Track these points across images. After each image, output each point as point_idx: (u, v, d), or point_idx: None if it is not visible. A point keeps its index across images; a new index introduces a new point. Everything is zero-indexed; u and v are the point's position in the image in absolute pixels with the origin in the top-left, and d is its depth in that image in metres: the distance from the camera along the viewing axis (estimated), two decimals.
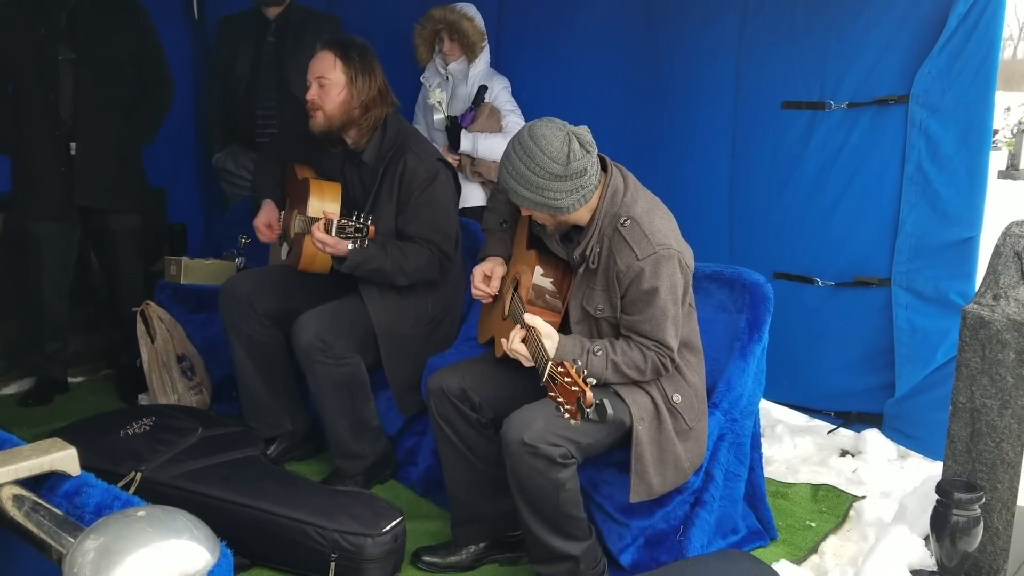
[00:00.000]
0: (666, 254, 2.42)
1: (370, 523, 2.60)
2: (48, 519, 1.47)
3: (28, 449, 1.67)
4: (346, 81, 3.14)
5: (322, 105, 3.15)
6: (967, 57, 3.22)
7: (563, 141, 2.37)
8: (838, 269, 3.63)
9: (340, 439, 3.22)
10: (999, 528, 2.50)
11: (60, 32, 3.67)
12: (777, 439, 3.69)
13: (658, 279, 2.41)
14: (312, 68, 3.17)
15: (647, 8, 3.97)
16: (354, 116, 3.17)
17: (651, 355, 2.45)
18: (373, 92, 3.18)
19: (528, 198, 2.41)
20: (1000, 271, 2.52)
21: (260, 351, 3.34)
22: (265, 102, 4.30)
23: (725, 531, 2.82)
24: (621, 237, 2.44)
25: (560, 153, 2.35)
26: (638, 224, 2.44)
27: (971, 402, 2.49)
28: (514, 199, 2.45)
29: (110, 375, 4.26)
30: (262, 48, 4.29)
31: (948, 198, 3.35)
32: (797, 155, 3.64)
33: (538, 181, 2.37)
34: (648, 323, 2.44)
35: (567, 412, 2.14)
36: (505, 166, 2.44)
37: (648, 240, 2.42)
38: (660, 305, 2.42)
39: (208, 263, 4.07)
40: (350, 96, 3.14)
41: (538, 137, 2.38)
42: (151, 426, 3.03)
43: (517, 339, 2.43)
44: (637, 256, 2.41)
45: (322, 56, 3.16)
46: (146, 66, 3.90)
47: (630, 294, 2.44)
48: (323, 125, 3.18)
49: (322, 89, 3.14)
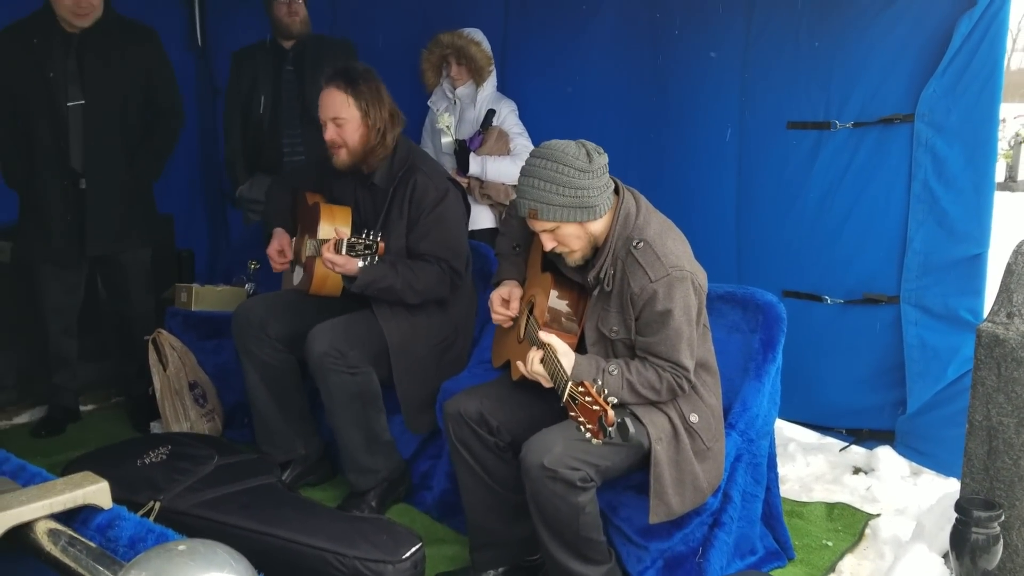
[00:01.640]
0: (679, 276, 2.44)
1: (390, 550, 2.60)
2: (85, 553, 1.48)
3: (61, 483, 1.68)
4: (360, 115, 3.16)
5: (344, 143, 3.18)
6: (972, 75, 3.25)
7: (576, 145, 2.44)
8: (847, 287, 3.65)
9: (353, 453, 3.22)
10: (1018, 545, 2.50)
11: (69, 75, 3.63)
12: (790, 457, 3.70)
13: (671, 301, 2.42)
14: (324, 108, 3.18)
15: (651, 30, 4.01)
16: (373, 144, 3.20)
17: (666, 376, 2.47)
18: (386, 116, 3.22)
19: (564, 204, 2.41)
20: (1013, 289, 2.53)
21: (273, 376, 3.35)
22: (290, 129, 4.33)
23: (743, 552, 2.83)
24: (634, 259, 2.46)
25: (580, 153, 2.41)
26: (651, 246, 2.47)
27: (988, 420, 2.50)
28: (547, 215, 2.43)
29: (121, 403, 4.26)
30: (281, 77, 4.33)
31: (955, 215, 3.37)
32: (804, 174, 3.66)
33: (570, 181, 2.39)
34: (663, 344, 2.46)
35: (589, 432, 2.15)
36: (531, 184, 2.43)
37: (661, 262, 2.44)
38: (674, 327, 2.44)
39: (219, 289, 4.08)
40: (367, 128, 3.18)
41: (553, 148, 2.44)
42: (168, 455, 3.03)
43: (536, 360, 2.45)
44: (650, 278, 2.43)
45: (331, 95, 3.17)
46: (158, 95, 3.87)
47: (644, 316, 2.46)
48: (348, 161, 3.22)
49: (340, 128, 3.17)
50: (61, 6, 3.56)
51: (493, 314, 2.80)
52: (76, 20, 3.59)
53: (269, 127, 4.34)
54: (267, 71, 4.34)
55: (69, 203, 3.70)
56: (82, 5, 3.57)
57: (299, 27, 4.32)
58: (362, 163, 3.23)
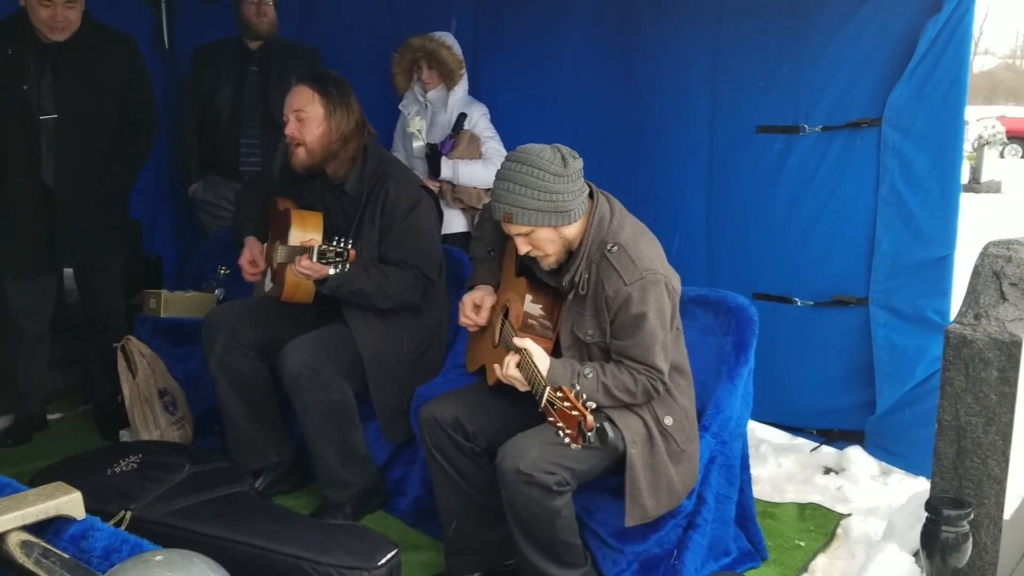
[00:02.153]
0: (653, 279, 2.45)
1: (365, 557, 2.59)
2: (60, 565, 1.46)
3: (32, 494, 1.65)
4: (324, 114, 3.15)
5: (302, 139, 3.16)
6: (937, 80, 3.31)
7: (551, 149, 2.45)
8: (816, 289, 3.69)
9: (328, 467, 3.20)
10: (987, 543, 2.54)
11: (44, 89, 3.57)
12: (762, 459, 3.73)
13: (646, 304, 2.44)
14: (289, 102, 3.18)
15: (622, 35, 4.03)
16: (334, 149, 3.19)
17: (641, 378, 2.48)
18: (351, 124, 3.20)
19: (539, 209, 2.42)
20: (980, 291, 2.57)
21: (244, 383, 3.32)
22: (250, 131, 4.29)
23: (718, 553, 2.85)
24: (609, 263, 2.47)
25: (555, 157, 2.42)
26: (625, 250, 2.48)
27: (956, 420, 2.54)
28: (522, 219, 2.43)
29: (89, 411, 4.20)
30: (246, 78, 4.29)
31: (922, 218, 3.42)
32: (773, 178, 3.70)
33: (545, 185, 2.40)
34: (637, 347, 2.47)
35: (568, 437, 2.16)
36: (506, 188, 2.43)
37: (635, 266, 2.45)
38: (649, 329, 2.45)
39: (188, 295, 4.04)
40: (329, 129, 3.16)
41: (528, 151, 2.44)
42: (138, 463, 3.00)
43: (511, 364, 2.45)
44: (625, 282, 2.44)
45: (299, 90, 3.17)
46: (132, 105, 3.81)
47: (619, 319, 2.47)
48: (305, 160, 3.20)
49: (300, 123, 3.15)
50: (37, 19, 3.51)
51: (462, 318, 2.80)
52: (52, 35, 3.54)
53: (227, 127, 4.30)
54: (231, 70, 4.30)
55: (40, 215, 3.64)
56: (58, 20, 3.51)
57: (267, 28, 4.30)
58: (320, 165, 3.22)
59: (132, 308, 4.17)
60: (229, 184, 4.35)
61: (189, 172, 4.53)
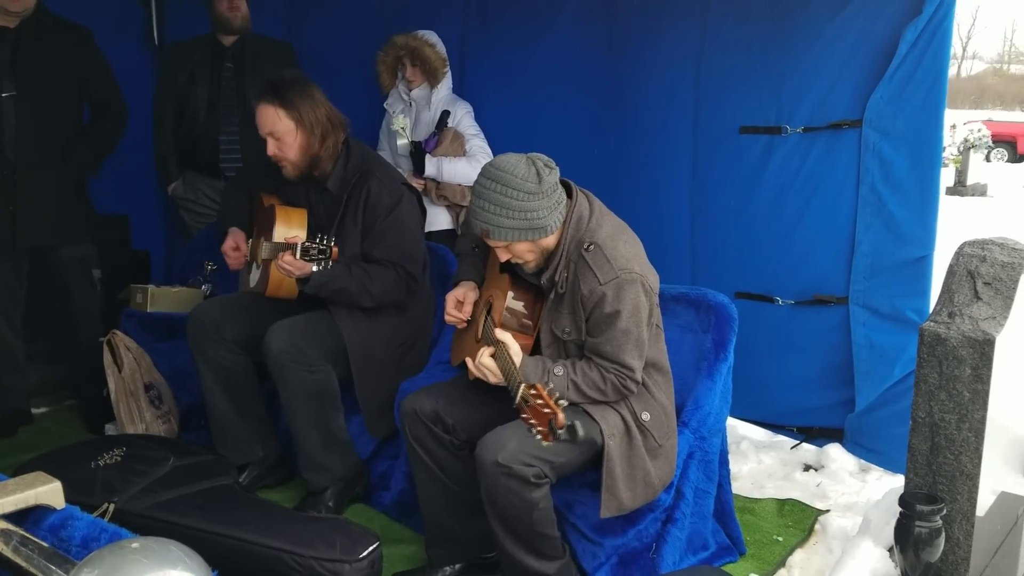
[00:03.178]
0: (628, 278, 2.48)
1: (347, 549, 2.60)
2: (38, 553, 1.48)
3: (12, 483, 1.67)
4: (294, 125, 3.15)
5: (285, 156, 3.18)
6: (917, 82, 3.34)
7: (526, 164, 2.45)
8: (797, 288, 3.72)
9: (309, 451, 3.23)
10: (959, 538, 2.58)
11: (2, 67, 3.60)
12: (742, 455, 3.76)
13: (620, 303, 2.47)
14: (260, 126, 3.18)
15: (608, 35, 4.06)
16: (316, 150, 3.20)
17: (610, 376, 2.51)
18: (323, 119, 3.19)
19: (514, 227, 2.45)
20: (954, 289, 2.61)
21: (229, 378, 3.34)
22: (228, 128, 4.30)
23: (696, 548, 2.88)
24: (585, 262, 2.50)
25: (529, 173, 2.43)
26: (601, 249, 2.51)
27: (930, 417, 2.57)
28: (498, 236, 2.47)
29: (75, 405, 4.21)
30: (221, 75, 4.29)
31: (902, 218, 3.46)
32: (756, 178, 3.73)
33: (519, 204, 2.42)
34: (609, 345, 2.50)
35: (539, 433, 2.19)
36: (481, 206, 2.46)
37: (611, 265, 2.48)
38: (621, 328, 2.48)
39: (175, 291, 4.06)
40: (305, 136, 3.17)
41: (502, 166, 2.45)
42: (123, 456, 3.01)
43: (486, 355, 2.49)
44: (600, 281, 2.47)
45: (263, 111, 3.16)
46: (93, 89, 3.84)
47: (594, 317, 2.50)
48: (294, 172, 3.23)
49: (279, 142, 3.17)
50: None
51: (446, 315, 2.83)
52: (9, 4, 3.55)
53: (205, 125, 4.30)
54: (205, 67, 4.29)
55: (5, 192, 3.66)
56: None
57: (240, 23, 4.30)
58: (311, 170, 3.24)
59: (119, 303, 4.18)
60: (209, 181, 4.36)
61: (167, 172, 4.52)
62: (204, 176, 4.42)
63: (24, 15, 3.61)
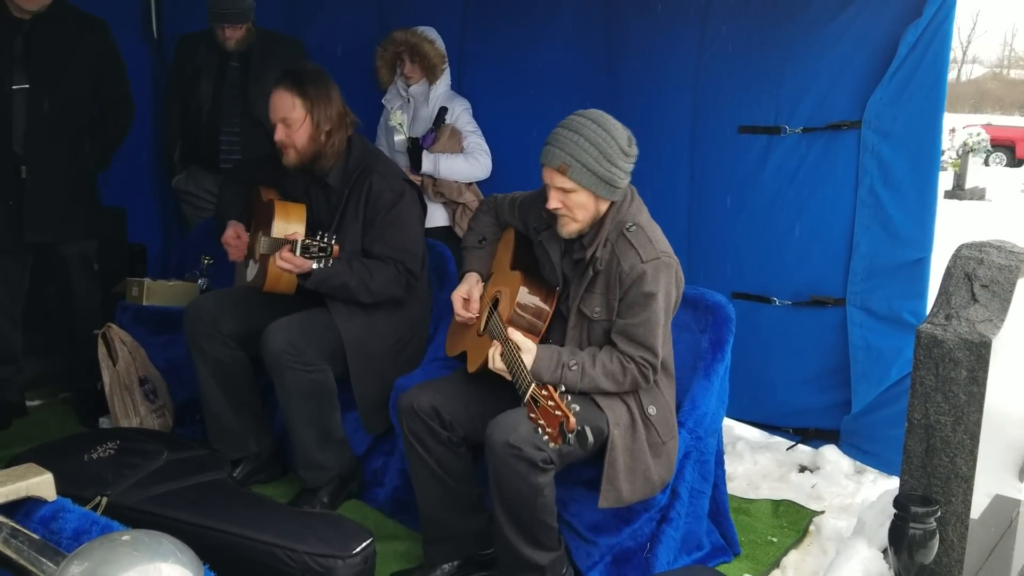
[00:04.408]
0: (668, 261, 2.54)
1: (340, 545, 2.59)
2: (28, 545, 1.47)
3: (3, 475, 1.67)
4: (306, 114, 3.17)
5: (292, 143, 3.18)
6: (916, 84, 3.34)
7: (623, 127, 2.52)
8: (794, 289, 3.72)
9: (306, 450, 3.22)
10: (954, 540, 2.58)
11: (15, 59, 3.58)
12: (738, 456, 3.76)
13: (657, 284, 2.50)
14: (273, 110, 3.20)
15: (606, 34, 4.05)
16: (321, 143, 3.20)
17: (631, 368, 2.52)
18: (333, 117, 3.21)
19: (597, 173, 2.47)
20: (952, 292, 2.61)
21: (225, 373, 3.33)
22: (229, 126, 4.28)
23: (690, 547, 2.87)
24: (626, 240, 2.54)
25: (625, 134, 2.51)
26: (643, 230, 2.56)
27: (926, 418, 2.57)
28: (576, 176, 2.46)
29: (69, 398, 4.20)
30: (226, 72, 4.27)
31: (900, 220, 3.46)
32: (754, 178, 3.73)
33: (612, 155, 2.47)
34: (642, 327, 2.51)
35: (547, 436, 2.19)
36: (573, 139, 2.46)
37: (653, 246, 2.54)
38: (655, 310, 2.51)
39: (171, 284, 4.04)
40: (313, 127, 3.18)
41: (605, 117, 2.51)
42: (116, 450, 2.99)
43: (496, 357, 2.49)
44: (642, 258, 2.51)
45: (280, 96, 3.18)
46: (106, 86, 3.82)
47: (629, 296, 2.52)
48: (296, 161, 3.22)
49: (288, 128, 3.17)
50: None
51: (456, 316, 2.82)
52: (25, 3, 3.53)
53: (208, 121, 4.28)
54: (211, 63, 4.26)
55: (9, 187, 3.64)
56: None
57: (234, 45, 4.23)
58: (311, 164, 3.23)
59: (114, 296, 4.17)
60: (211, 176, 4.35)
61: (172, 164, 4.50)
62: (206, 170, 4.40)
63: (40, 11, 3.58)
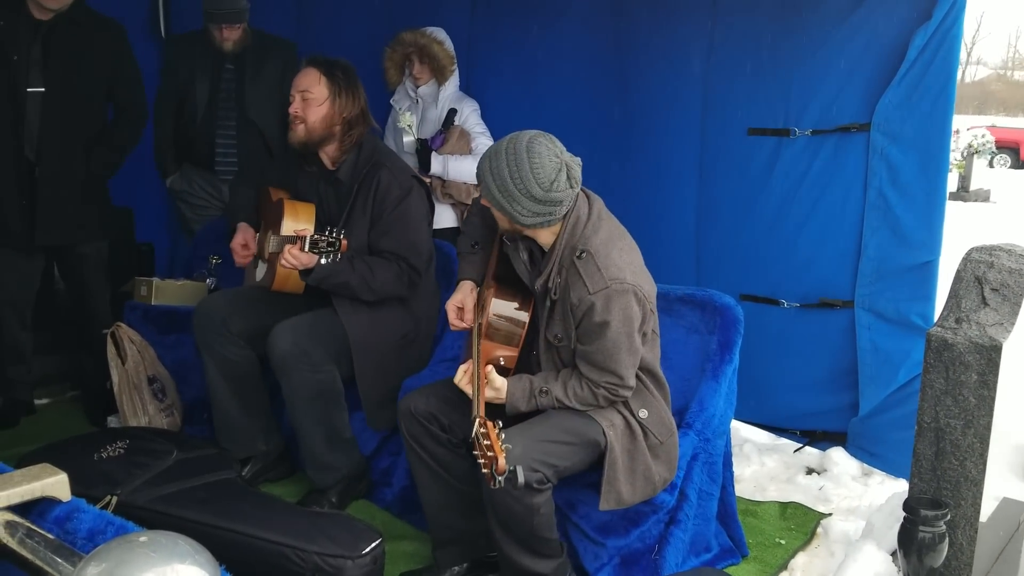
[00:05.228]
0: (619, 288, 2.44)
1: (349, 545, 2.60)
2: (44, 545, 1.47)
3: (18, 475, 1.66)
4: (328, 96, 3.21)
5: (305, 118, 3.21)
6: (926, 87, 3.34)
7: (555, 168, 2.39)
8: (803, 291, 3.72)
9: (314, 451, 3.23)
10: (963, 544, 2.58)
11: (32, 62, 3.57)
12: (745, 458, 3.76)
13: (609, 313, 2.43)
14: (296, 83, 3.24)
15: (616, 35, 4.06)
16: (335, 132, 3.24)
17: (601, 392, 2.51)
18: (356, 111, 3.26)
19: (496, 199, 2.45)
20: (962, 295, 2.61)
21: (234, 372, 3.34)
22: (225, 128, 4.26)
23: (699, 549, 2.87)
24: (576, 270, 2.48)
25: (547, 179, 2.39)
26: (593, 258, 2.47)
27: (935, 422, 2.57)
28: (483, 192, 2.50)
29: (77, 397, 4.21)
30: (221, 76, 4.24)
31: (908, 223, 3.46)
32: (763, 180, 3.73)
33: (514, 192, 2.41)
34: (600, 354, 2.48)
35: (485, 474, 2.15)
36: (490, 163, 2.45)
37: (601, 275, 2.45)
38: (611, 337, 2.45)
39: (179, 284, 4.05)
40: (331, 111, 3.22)
41: (534, 154, 2.39)
42: (125, 449, 3.00)
43: (464, 380, 2.52)
44: (589, 290, 2.44)
45: (306, 72, 3.24)
46: (120, 90, 3.82)
47: (583, 326, 2.48)
48: (302, 137, 3.23)
49: (305, 102, 3.21)
50: None
51: (451, 326, 2.81)
52: (47, 2, 3.53)
53: (203, 122, 4.25)
54: (206, 65, 4.23)
55: (23, 189, 3.64)
56: None
57: (232, 47, 4.21)
58: (317, 145, 3.25)
59: (123, 295, 4.17)
60: (205, 175, 4.34)
61: (166, 165, 4.48)
62: (201, 169, 4.40)
63: (60, 10, 3.58)
